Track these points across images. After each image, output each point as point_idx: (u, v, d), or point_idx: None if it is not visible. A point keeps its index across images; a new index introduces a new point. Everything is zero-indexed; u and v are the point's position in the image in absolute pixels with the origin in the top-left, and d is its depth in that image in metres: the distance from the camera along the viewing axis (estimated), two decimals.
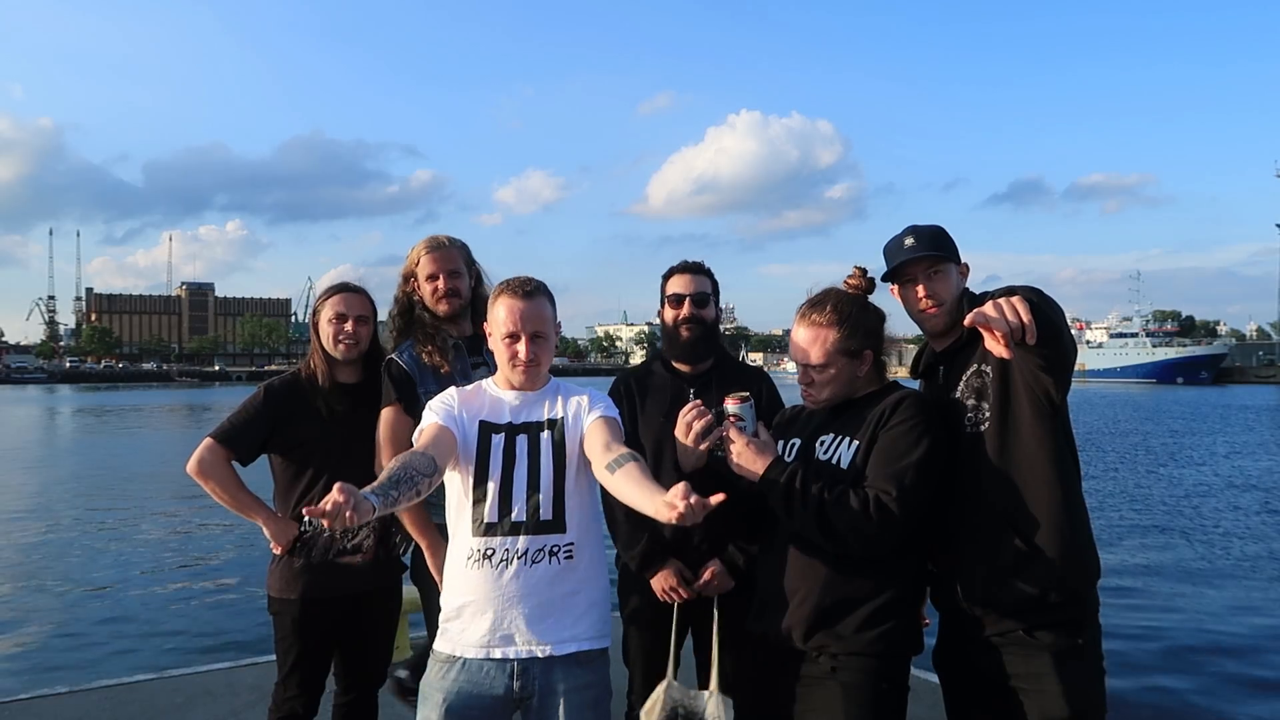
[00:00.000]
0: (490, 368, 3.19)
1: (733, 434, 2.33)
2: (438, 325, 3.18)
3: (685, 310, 3.08)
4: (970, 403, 2.32)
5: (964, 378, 2.35)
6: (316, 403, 3.08)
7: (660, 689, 2.82)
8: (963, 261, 2.47)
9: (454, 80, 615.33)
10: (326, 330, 3.10)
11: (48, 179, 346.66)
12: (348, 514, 1.84)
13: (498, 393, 2.45)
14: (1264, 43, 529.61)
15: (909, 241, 2.42)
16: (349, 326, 3.10)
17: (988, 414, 2.28)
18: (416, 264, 3.22)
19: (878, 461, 2.27)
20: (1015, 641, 2.22)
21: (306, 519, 3.00)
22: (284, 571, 3.06)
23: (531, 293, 2.41)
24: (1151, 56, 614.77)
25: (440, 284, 3.17)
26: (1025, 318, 1.93)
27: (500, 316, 2.39)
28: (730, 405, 2.36)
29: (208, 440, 3.03)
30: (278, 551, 3.07)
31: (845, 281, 2.49)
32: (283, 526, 3.06)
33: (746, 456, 2.30)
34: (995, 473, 2.25)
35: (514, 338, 2.38)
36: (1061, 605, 2.19)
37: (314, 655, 3.09)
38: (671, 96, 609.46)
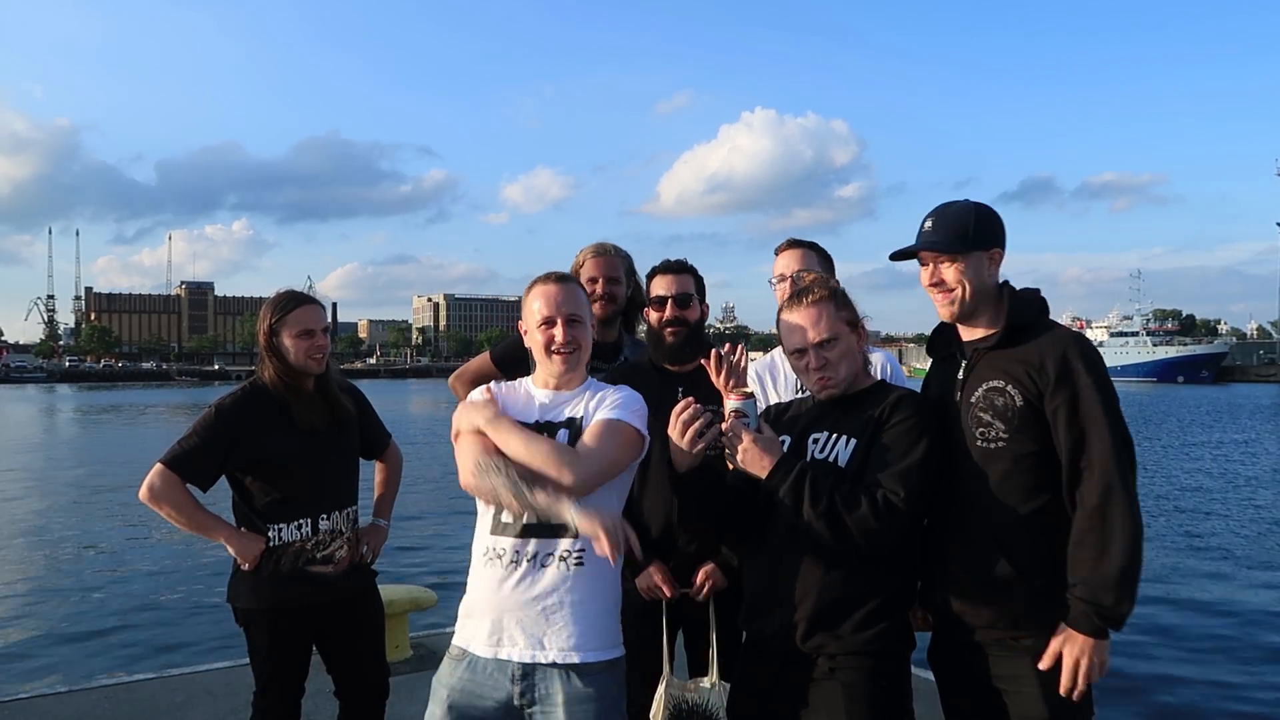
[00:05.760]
0: (605, 374, 3.29)
1: (737, 431, 2.28)
2: None
3: (668, 312, 3.08)
4: (986, 417, 2.22)
5: (986, 386, 2.24)
6: (290, 415, 3.00)
7: (660, 689, 2.82)
8: (993, 248, 2.30)
9: (474, 80, 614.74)
10: (294, 345, 2.99)
11: (62, 179, 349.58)
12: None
13: (533, 390, 2.41)
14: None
15: (927, 225, 2.33)
16: (319, 341, 3.03)
17: (1004, 435, 2.19)
18: (581, 265, 3.46)
19: (882, 461, 2.25)
20: (998, 643, 2.21)
21: (273, 532, 2.98)
22: (251, 581, 2.98)
23: (565, 278, 2.41)
24: (1165, 55, 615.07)
25: (599, 288, 3.39)
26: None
27: (534, 305, 2.36)
28: (733, 401, 2.31)
29: (158, 466, 2.91)
30: (245, 567, 2.99)
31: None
32: (247, 542, 2.97)
33: (752, 454, 2.25)
34: (999, 490, 2.19)
35: (549, 322, 2.33)
36: (1044, 611, 2.16)
37: (291, 664, 3.03)
38: (689, 96, 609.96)
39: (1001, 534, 2.18)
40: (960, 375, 2.32)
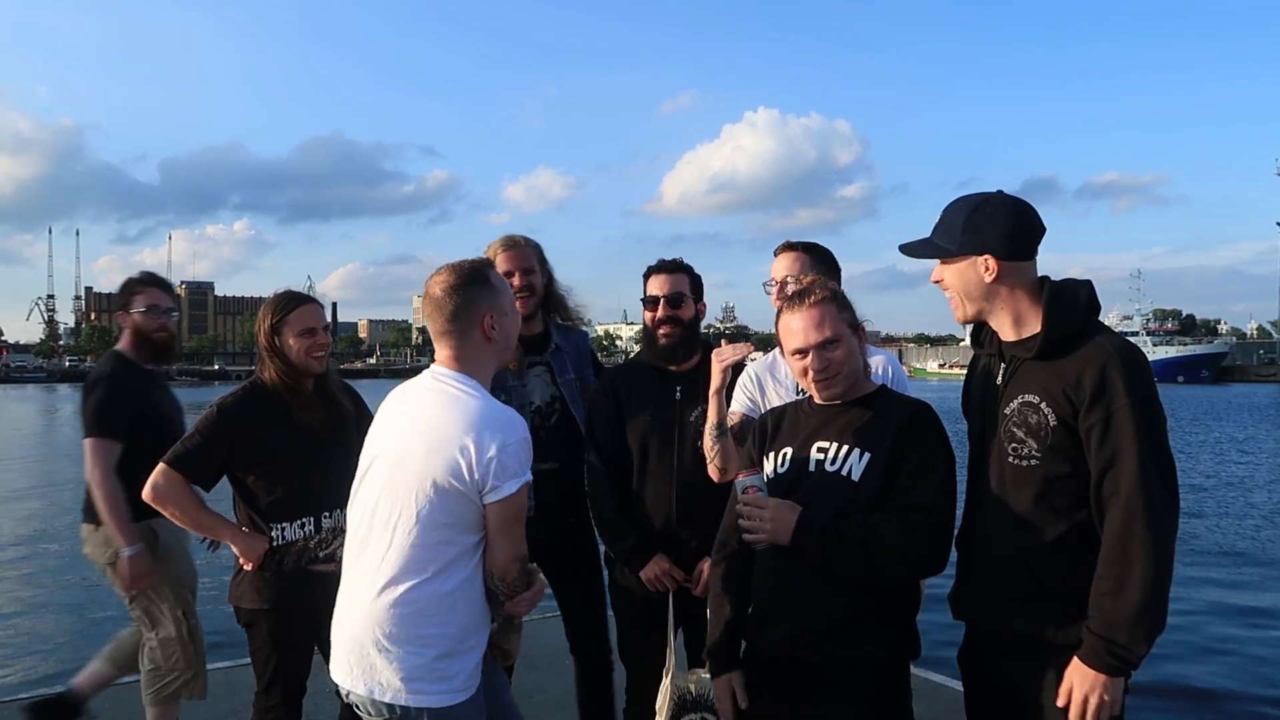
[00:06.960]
0: (555, 369, 3.36)
1: (760, 503, 2.27)
2: None
3: (661, 311, 3.08)
4: (1019, 433, 2.11)
5: (1021, 400, 2.11)
6: (291, 415, 3.01)
7: (666, 680, 2.84)
8: (984, 254, 2.10)
9: (478, 81, 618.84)
10: (296, 345, 3.01)
11: (65, 179, 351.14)
12: None
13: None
14: None
15: (937, 221, 2.21)
16: (321, 339, 3.05)
17: (1037, 454, 2.09)
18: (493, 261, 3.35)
19: (910, 485, 2.24)
20: (1023, 656, 2.15)
21: (277, 532, 3.00)
22: (253, 581, 2.99)
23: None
24: (1168, 55, 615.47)
25: (516, 280, 3.24)
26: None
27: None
28: (744, 478, 2.32)
29: (162, 465, 2.92)
30: (249, 567, 2.99)
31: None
32: (252, 542, 2.98)
33: (780, 521, 2.23)
34: (1029, 510, 2.12)
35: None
36: (1072, 630, 2.08)
37: (293, 664, 3.04)
38: (693, 96, 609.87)
39: (1030, 554, 2.11)
40: (999, 381, 2.20)
